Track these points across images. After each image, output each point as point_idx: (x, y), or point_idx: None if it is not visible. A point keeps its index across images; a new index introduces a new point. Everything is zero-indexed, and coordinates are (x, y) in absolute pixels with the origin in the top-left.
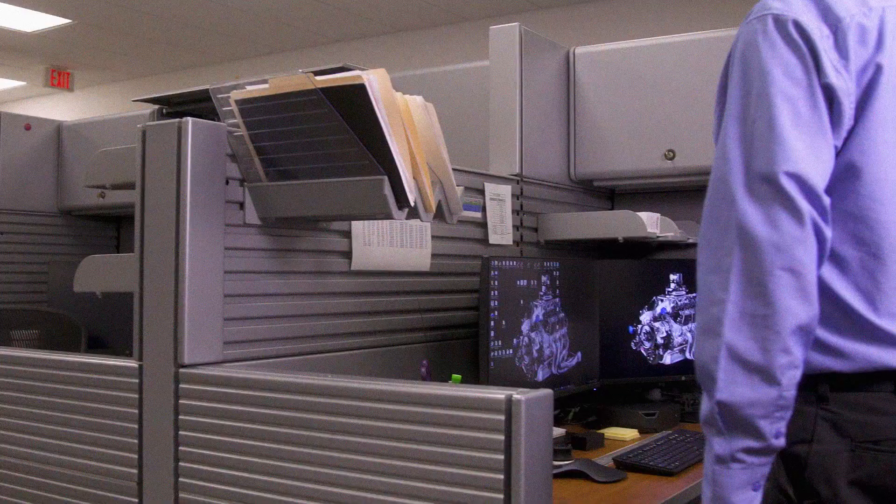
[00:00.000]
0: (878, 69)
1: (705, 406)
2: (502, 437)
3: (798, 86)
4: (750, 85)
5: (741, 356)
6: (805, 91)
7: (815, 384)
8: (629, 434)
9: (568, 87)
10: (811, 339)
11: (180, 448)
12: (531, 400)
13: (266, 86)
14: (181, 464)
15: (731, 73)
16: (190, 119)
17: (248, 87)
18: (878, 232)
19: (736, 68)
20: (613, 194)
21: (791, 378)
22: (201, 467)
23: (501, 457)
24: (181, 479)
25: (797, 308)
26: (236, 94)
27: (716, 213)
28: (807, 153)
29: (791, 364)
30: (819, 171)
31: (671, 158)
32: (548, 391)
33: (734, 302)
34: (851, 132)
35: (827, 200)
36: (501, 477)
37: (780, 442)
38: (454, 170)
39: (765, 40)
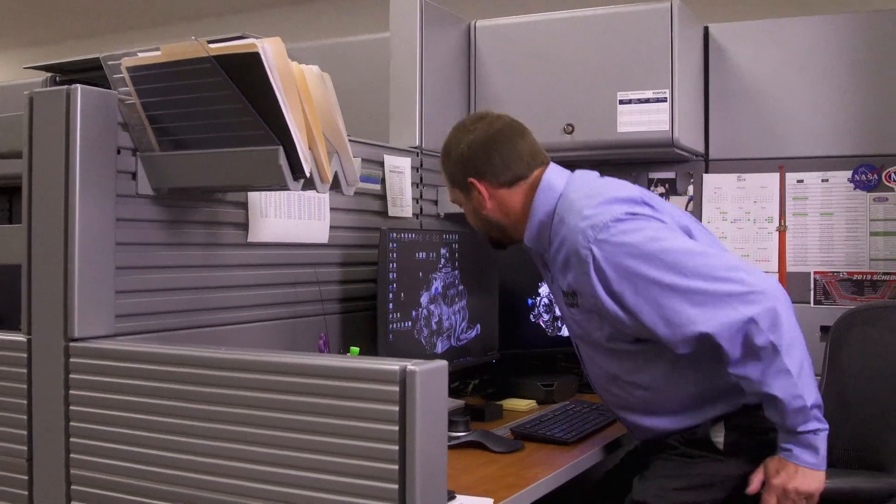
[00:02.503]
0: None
1: (810, 421)
2: (397, 409)
3: (671, 228)
4: (651, 253)
5: (807, 368)
6: (675, 230)
7: None
8: (527, 405)
9: (469, 60)
10: None
11: (71, 424)
12: (426, 371)
13: (158, 53)
14: (72, 440)
15: (624, 267)
16: (79, 86)
17: (140, 55)
18: None
19: (626, 258)
20: None
21: None
22: (93, 443)
23: (396, 428)
24: (73, 456)
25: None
26: (127, 62)
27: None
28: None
29: None
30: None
31: (570, 133)
32: (442, 362)
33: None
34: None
35: None
36: (396, 448)
37: None
38: (352, 141)
39: (628, 231)
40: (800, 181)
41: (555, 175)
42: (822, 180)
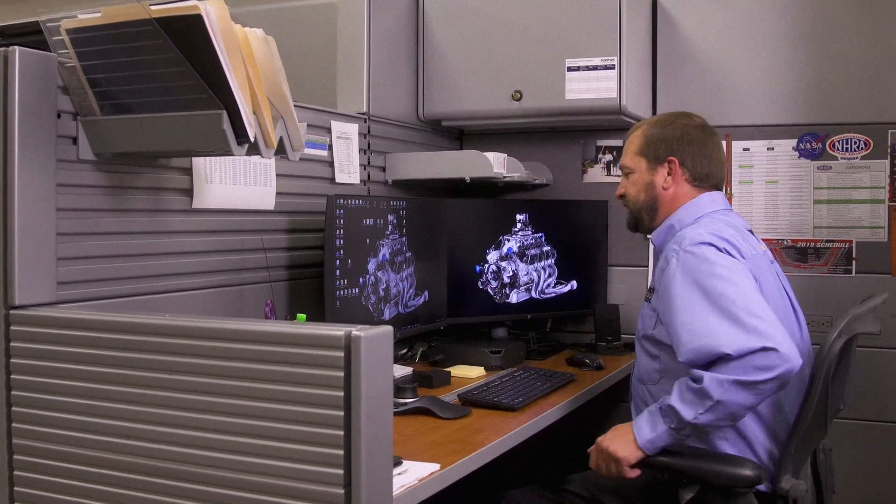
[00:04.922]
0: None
1: (684, 427)
2: (342, 374)
3: (740, 266)
4: (712, 283)
5: (724, 412)
6: (744, 271)
7: None
8: (475, 372)
9: (417, 25)
10: None
11: (13, 393)
12: (371, 336)
13: (99, 15)
14: (14, 409)
15: (688, 280)
16: (17, 48)
17: (81, 16)
18: None
19: (698, 274)
20: (462, 135)
21: None
22: (36, 412)
23: (341, 394)
24: (14, 425)
25: None
26: (67, 24)
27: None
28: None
29: None
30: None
31: (518, 99)
32: (388, 328)
33: None
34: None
35: None
36: (342, 414)
37: None
38: (298, 107)
39: (707, 257)
40: (745, 149)
41: (710, 199)
42: (768, 148)
